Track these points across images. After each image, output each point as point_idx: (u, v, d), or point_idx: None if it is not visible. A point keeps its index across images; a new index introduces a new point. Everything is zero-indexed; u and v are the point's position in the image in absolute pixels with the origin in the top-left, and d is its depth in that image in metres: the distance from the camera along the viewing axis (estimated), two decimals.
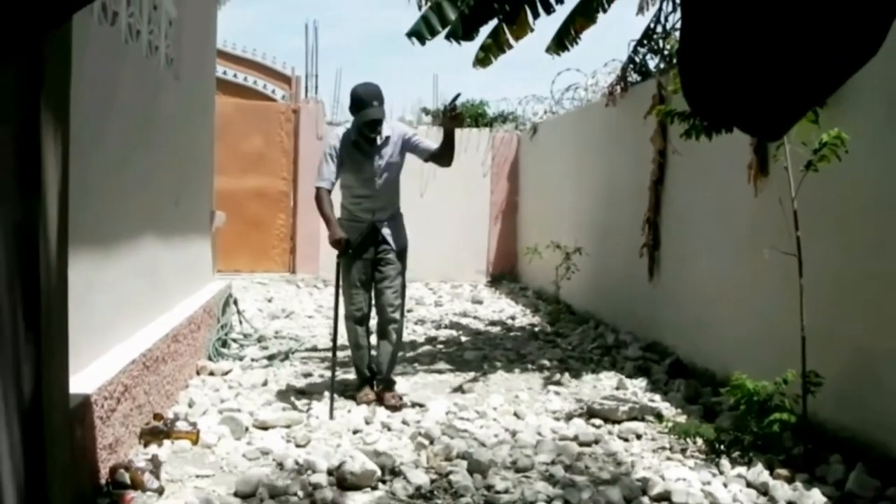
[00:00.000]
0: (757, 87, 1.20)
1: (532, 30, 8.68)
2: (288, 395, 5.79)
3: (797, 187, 4.46)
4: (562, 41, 9.01)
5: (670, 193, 7.37)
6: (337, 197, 5.75)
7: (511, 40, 8.64)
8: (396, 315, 5.81)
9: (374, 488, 4.05)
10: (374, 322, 5.96)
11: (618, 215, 8.55)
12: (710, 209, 6.48)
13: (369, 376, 5.87)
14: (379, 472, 4.12)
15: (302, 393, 5.85)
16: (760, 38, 1.16)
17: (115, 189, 4.59)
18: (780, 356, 4.76)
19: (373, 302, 5.89)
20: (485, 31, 8.72)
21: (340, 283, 5.76)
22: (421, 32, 8.38)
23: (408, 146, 5.77)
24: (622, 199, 8.45)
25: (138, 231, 5.15)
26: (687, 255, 6.92)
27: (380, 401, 5.65)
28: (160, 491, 3.85)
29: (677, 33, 7.93)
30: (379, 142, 5.67)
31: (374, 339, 6.02)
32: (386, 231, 5.77)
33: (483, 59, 8.82)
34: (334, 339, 5.67)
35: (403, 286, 5.88)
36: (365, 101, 5.47)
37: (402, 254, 5.84)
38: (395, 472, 4.20)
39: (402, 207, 5.98)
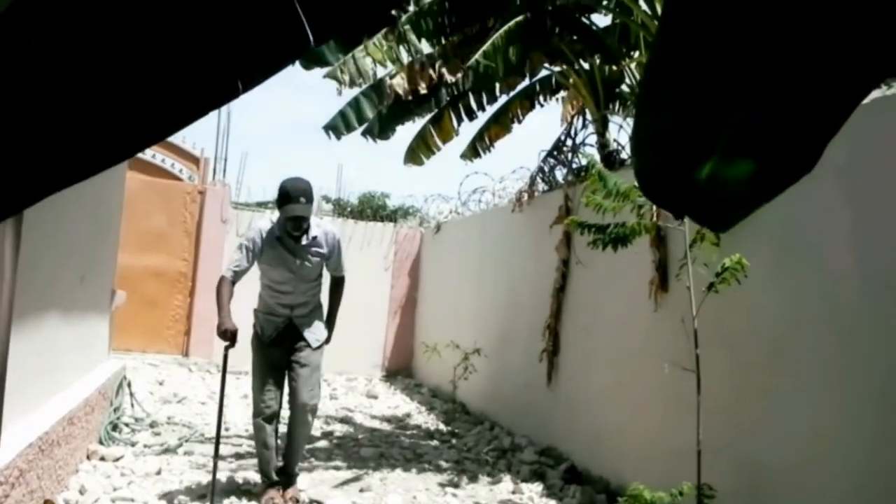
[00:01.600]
0: (713, 177, 1.29)
1: (457, 134, 9.00)
2: (183, 485, 5.65)
3: (698, 306, 4.67)
4: (476, 148, 9.34)
5: (572, 302, 7.57)
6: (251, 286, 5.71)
7: (439, 143, 8.93)
8: (308, 417, 5.61)
9: None
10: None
11: (518, 319, 8.71)
12: (610, 320, 6.69)
13: (275, 480, 5.57)
14: None
15: (198, 484, 5.73)
16: (717, 129, 1.25)
17: (27, 268, 4.51)
18: (674, 468, 4.89)
19: (285, 399, 5.64)
20: (401, 129, 8.99)
21: (253, 377, 5.61)
22: (338, 127, 8.55)
23: (328, 257, 5.69)
24: (523, 303, 8.62)
25: (42, 308, 5.04)
26: (586, 363, 7.09)
27: (284, 496, 5.50)
28: None
29: (587, 149, 8.28)
30: (305, 241, 5.54)
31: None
32: (304, 327, 5.63)
33: (414, 159, 9.11)
34: (217, 439, 5.32)
35: (318, 383, 5.67)
36: (291, 197, 5.35)
37: (319, 351, 5.67)
38: None
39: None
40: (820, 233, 4.46)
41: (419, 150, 9.11)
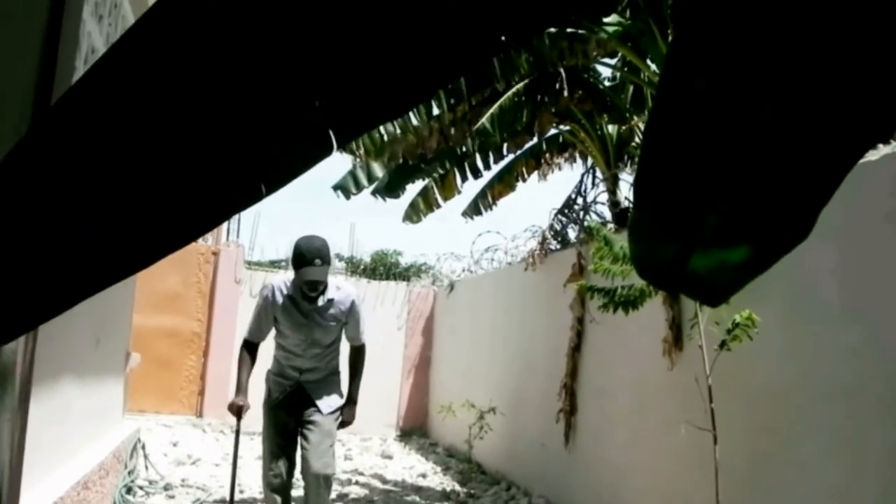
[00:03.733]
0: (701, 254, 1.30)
1: (459, 192, 9.04)
2: None
3: (711, 365, 4.66)
4: (478, 206, 9.40)
5: (588, 360, 7.56)
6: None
7: (440, 200, 8.97)
8: (322, 490, 5.30)
9: None
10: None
11: (533, 377, 8.69)
12: (626, 379, 6.67)
13: None
14: None
15: None
16: (708, 205, 1.26)
17: (41, 332, 4.53)
18: None
19: (298, 468, 5.41)
20: (410, 187, 9.07)
21: (263, 443, 5.46)
22: (347, 187, 8.65)
23: (345, 322, 5.45)
24: (538, 361, 8.60)
25: (57, 373, 5.06)
26: (603, 423, 7.05)
27: None
28: None
29: (598, 207, 8.33)
30: (321, 302, 5.33)
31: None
32: (313, 393, 5.40)
33: (413, 217, 9.11)
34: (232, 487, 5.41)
35: (331, 451, 5.40)
36: (306, 259, 5.11)
37: (331, 416, 5.40)
38: None
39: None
40: (827, 291, 4.47)
41: (419, 208, 9.17)
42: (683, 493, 5.51)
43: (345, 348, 5.61)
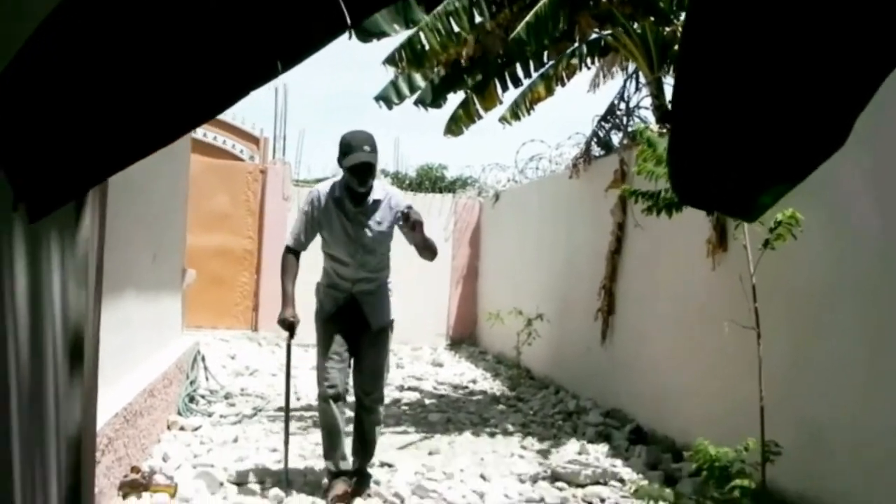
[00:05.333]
0: (742, 171, 1.37)
1: (500, 101, 9.02)
2: (260, 452, 5.87)
3: (755, 264, 4.72)
4: (515, 111, 9.35)
5: (627, 263, 7.65)
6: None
7: (481, 111, 8.95)
8: (376, 405, 5.17)
9: None
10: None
11: (578, 283, 8.80)
12: (668, 280, 6.75)
13: (342, 470, 5.06)
14: None
15: (273, 451, 5.93)
16: (749, 124, 1.32)
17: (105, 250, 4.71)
18: (738, 426, 4.95)
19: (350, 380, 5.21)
20: (451, 98, 9.05)
21: (317, 355, 5.18)
22: (389, 97, 8.65)
23: (398, 222, 5.03)
24: (583, 269, 8.70)
25: (119, 286, 5.26)
26: (644, 323, 7.16)
27: (353, 494, 5.01)
28: None
29: (642, 112, 8.29)
30: (367, 205, 5.01)
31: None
32: (366, 307, 5.12)
33: (454, 129, 9.10)
34: (286, 427, 5.29)
35: (384, 368, 5.20)
36: (353, 146, 4.80)
37: (382, 333, 5.16)
38: None
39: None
40: (864, 197, 4.49)
41: (460, 120, 9.14)
42: (726, 391, 5.62)
43: (395, 263, 5.31)
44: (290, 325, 5.04)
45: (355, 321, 5.10)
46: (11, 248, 1.48)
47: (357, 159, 4.79)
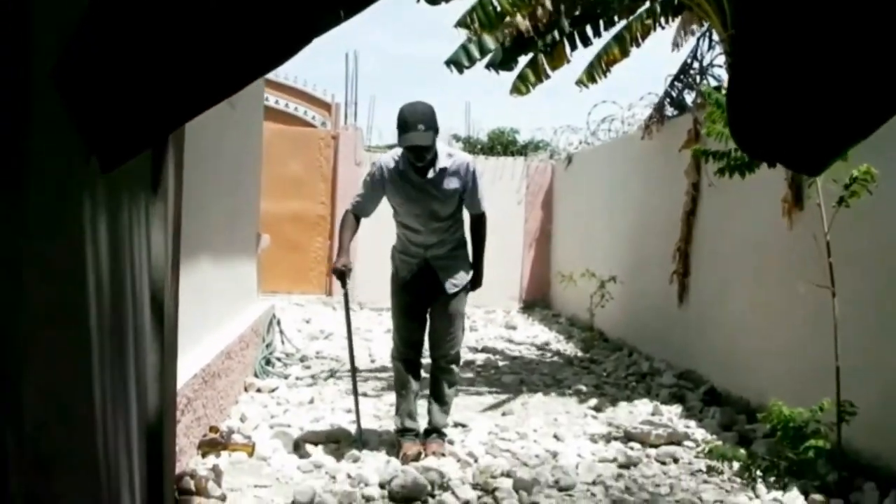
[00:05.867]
0: (804, 123, 1.35)
1: (569, 61, 8.90)
2: (335, 413, 5.97)
3: (830, 222, 4.63)
4: (592, 73, 9.23)
5: (702, 224, 7.55)
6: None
7: (548, 70, 8.86)
8: (451, 368, 5.22)
9: (425, 502, 4.24)
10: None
11: (651, 245, 8.73)
12: (742, 241, 6.65)
13: (409, 428, 5.19)
14: (429, 487, 4.32)
15: (348, 411, 6.03)
16: (811, 73, 1.29)
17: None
18: (814, 388, 4.89)
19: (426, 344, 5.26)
20: (522, 60, 8.96)
21: (392, 319, 5.31)
22: (460, 61, 8.60)
23: (462, 191, 5.04)
24: (656, 229, 8.62)
25: (196, 250, 5.36)
26: (719, 284, 7.08)
27: (427, 452, 5.04)
28: (223, 498, 4.06)
29: (715, 70, 8.14)
30: (431, 174, 4.95)
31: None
32: (441, 272, 5.10)
33: (520, 88, 9.03)
34: (354, 387, 5.37)
35: (460, 332, 5.23)
36: (409, 124, 4.74)
37: (458, 295, 5.14)
38: (443, 488, 4.40)
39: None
40: None
41: (528, 79, 9.03)
42: (801, 352, 5.55)
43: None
44: (341, 273, 5.04)
45: (430, 285, 5.11)
46: (94, 201, 1.53)
47: (410, 141, 4.76)
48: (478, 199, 5.12)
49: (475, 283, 5.28)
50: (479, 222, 5.23)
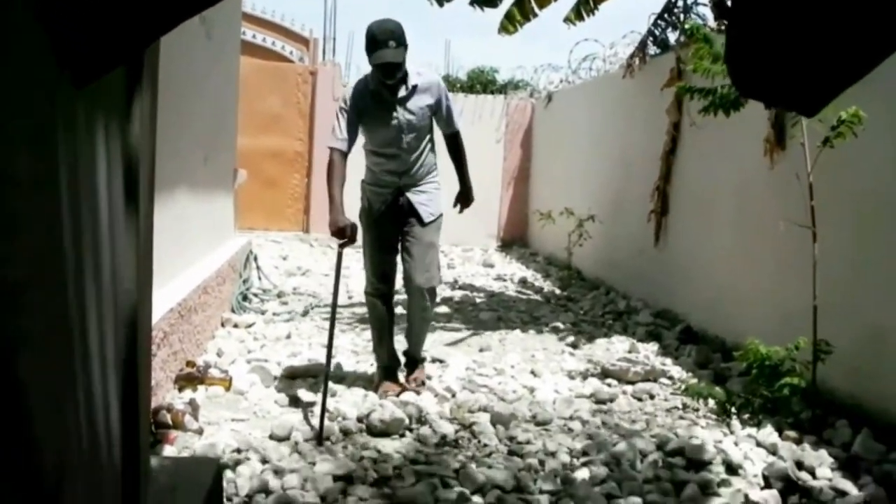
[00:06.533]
0: (804, 63, 1.32)
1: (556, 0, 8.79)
2: (312, 348, 5.96)
3: (813, 163, 4.61)
4: (580, 11, 9.11)
5: (682, 163, 7.54)
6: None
7: (535, 9, 8.75)
8: (426, 301, 5.05)
9: (403, 435, 4.26)
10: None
11: (630, 185, 8.71)
12: (722, 180, 6.64)
13: (388, 365, 5.13)
14: (407, 421, 4.33)
15: (325, 347, 6.00)
16: (811, 13, 1.26)
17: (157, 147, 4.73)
18: (791, 328, 4.92)
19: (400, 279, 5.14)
20: None
21: (364, 255, 5.13)
22: None
23: (434, 109, 4.96)
24: (635, 168, 8.59)
25: (172, 183, 5.28)
26: (698, 223, 7.08)
27: (407, 381, 5.10)
28: (200, 432, 4.05)
29: (699, 9, 8.06)
30: (403, 92, 4.82)
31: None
32: (415, 199, 4.99)
33: (507, 27, 8.92)
34: (329, 345, 4.65)
35: (434, 263, 5.09)
36: (378, 41, 4.60)
37: (432, 225, 5.03)
38: (421, 422, 4.41)
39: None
40: None
41: (515, 18, 8.91)
42: (779, 292, 5.56)
43: (444, 165, 5.22)
44: (342, 231, 4.69)
45: (404, 216, 5.01)
46: (55, 123, 1.48)
47: (381, 58, 4.64)
48: (452, 115, 5.06)
49: (466, 197, 5.22)
50: (455, 140, 5.16)
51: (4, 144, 1.17)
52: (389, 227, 5.04)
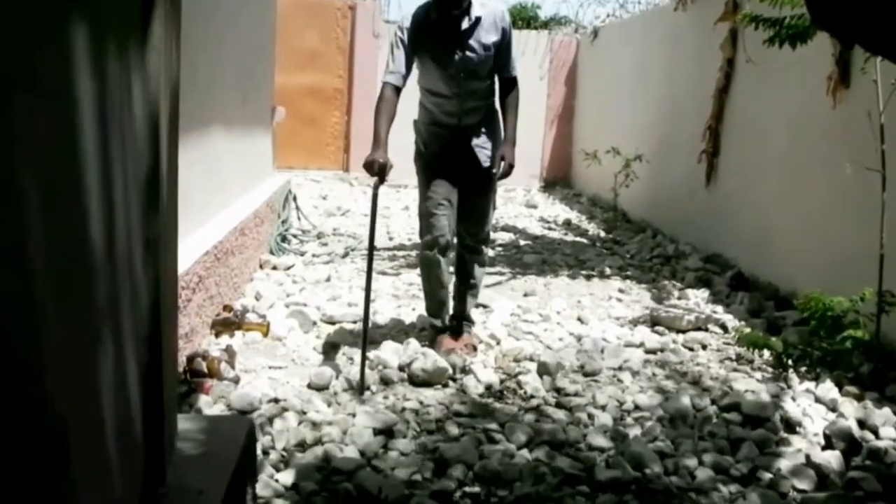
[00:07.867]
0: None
1: None
2: (352, 291, 5.80)
3: (886, 101, 4.33)
4: None
5: (736, 102, 7.22)
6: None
7: None
8: (481, 247, 4.79)
9: (445, 385, 4.10)
10: None
11: (680, 124, 8.41)
12: (779, 120, 6.33)
13: (448, 325, 4.75)
14: (450, 370, 4.17)
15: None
16: None
17: (189, 84, 4.55)
18: (850, 276, 4.68)
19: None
20: None
21: (419, 202, 4.67)
22: None
23: (497, 46, 4.45)
24: (686, 108, 8.28)
25: (206, 121, 5.09)
26: (752, 164, 6.79)
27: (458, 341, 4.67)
28: (236, 380, 3.92)
29: None
30: (466, 24, 4.34)
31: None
32: (476, 142, 4.56)
33: None
34: (367, 301, 4.23)
35: (492, 210, 4.83)
36: None
37: (493, 171, 4.53)
38: (465, 371, 4.24)
39: None
40: None
41: None
42: (842, 236, 5.30)
43: None
44: (380, 167, 4.18)
45: (463, 159, 4.57)
46: (71, 56, 1.30)
47: None
48: (511, 58, 4.57)
49: (510, 156, 4.50)
50: (510, 88, 4.63)
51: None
52: (447, 170, 4.56)
